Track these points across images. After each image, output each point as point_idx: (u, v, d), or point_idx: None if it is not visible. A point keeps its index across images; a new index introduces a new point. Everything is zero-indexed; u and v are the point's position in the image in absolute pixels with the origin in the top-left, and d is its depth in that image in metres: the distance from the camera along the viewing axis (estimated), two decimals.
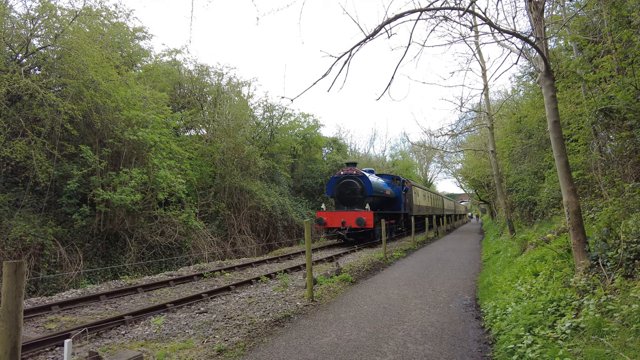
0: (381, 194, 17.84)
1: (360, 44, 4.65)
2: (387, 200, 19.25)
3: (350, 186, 16.57)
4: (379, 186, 17.65)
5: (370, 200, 16.47)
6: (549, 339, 3.76)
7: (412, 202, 22.56)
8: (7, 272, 2.34)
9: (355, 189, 16.46)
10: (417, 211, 24.38)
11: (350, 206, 16.36)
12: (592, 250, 4.95)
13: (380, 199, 17.89)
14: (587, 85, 8.16)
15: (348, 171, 17.15)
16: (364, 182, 16.49)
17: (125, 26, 16.24)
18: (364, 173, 16.77)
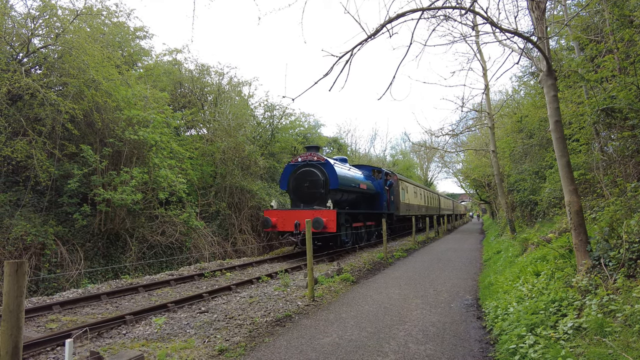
0: (353, 188, 14.20)
1: (362, 44, 4.64)
2: (363, 197, 15.98)
3: (310, 176, 12.84)
4: (349, 178, 14.04)
5: (336, 196, 12.99)
6: (551, 339, 3.75)
7: (399, 200, 19.38)
8: (9, 271, 2.34)
9: (316, 181, 12.73)
10: (407, 210, 21.08)
11: (310, 203, 12.67)
12: (594, 250, 4.94)
13: (352, 195, 14.51)
14: (589, 85, 8.14)
15: (307, 157, 13.24)
16: (327, 172, 12.71)
17: (126, 26, 16.23)
18: (327, 160, 13.00)
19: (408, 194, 21.97)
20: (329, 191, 12.61)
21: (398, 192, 19.41)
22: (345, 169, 14.38)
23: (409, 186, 22.54)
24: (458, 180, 47.57)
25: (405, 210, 20.93)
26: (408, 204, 21.75)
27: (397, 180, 19.53)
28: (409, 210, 21.95)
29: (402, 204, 20.00)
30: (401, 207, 19.81)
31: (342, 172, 13.37)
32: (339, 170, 13.02)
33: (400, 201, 19.55)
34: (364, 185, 15.30)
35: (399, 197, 19.46)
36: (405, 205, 20.85)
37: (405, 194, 21.18)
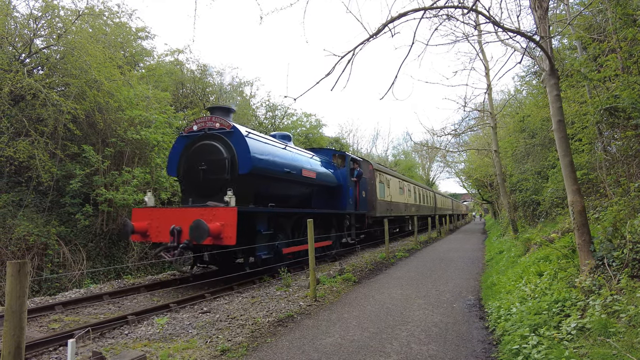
0: (287, 176, 9.52)
1: (364, 43, 4.63)
2: (312, 190, 11.28)
3: (208, 154, 8.24)
4: (278, 160, 9.26)
5: (250, 186, 8.35)
6: (554, 339, 3.73)
7: (375, 197, 15.45)
8: (11, 272, 2.34)
9: (217, 162, 8.13)
10: (387, 210, 17.08)
11: (209, 197, 8.06)
12: (598, 250, 4.91)
13: (285, 186, 9.78)
14: (592, 84, 8.11)
15: (207, 123, 8.52)
16: (234, 146, 8.14)
17: (127, 26, 16.25)
18: (235, 127, 8.27)
19: (390, 189, 17.99)
20: (236, 177, 7.93)
21: (374, 186, 15.45)
22: (272, 144, 9.42)
23: (391, 180, 18.44)
24: (460, 180, 47.55)
25: (386, 210, 16.98)
26: (390, 203, 17.82)
27: (373, 170, 15.79)
28: (391, 209, 18.01)
29: (380, 202, 16.01)
30: (379, 205, 15.85)
31: (261, 149, 8.51)
32: (254, 145, 8.22)
33: (377, 198, 15.57)
34: (310, 173, 10.62)
35: (375, 192, 15.58)
36: (384, 204, 16.87)
37: (386, 189, 17.29)
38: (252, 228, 8.03)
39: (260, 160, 8.44)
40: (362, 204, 14.18)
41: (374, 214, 15.34)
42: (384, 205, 16.83)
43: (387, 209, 17.27)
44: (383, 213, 16.40)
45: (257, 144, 8.62)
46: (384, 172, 17.76)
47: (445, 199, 41.56)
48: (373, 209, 15.33)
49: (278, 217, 9.15)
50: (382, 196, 16.77)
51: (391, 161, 50.62)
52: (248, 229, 7.87)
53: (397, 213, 19.20)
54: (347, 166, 13.34)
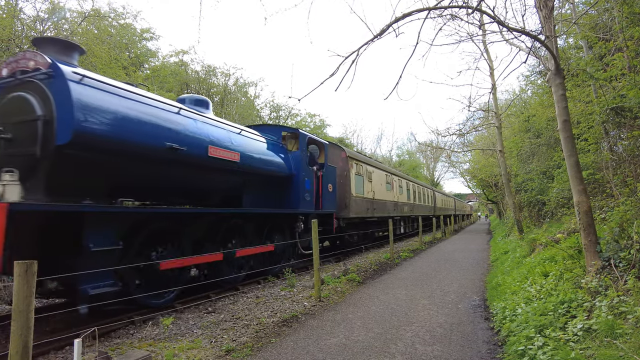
0: (171, 154, 6.01)
1: (368, 43, 4.63)
2: (245, 181, 8.23)
3: (14, 112, 4.88)
4: (148, 123, 5.76)
5: (83, 167, 5.15)
6: (560, 340, 3.71)
7: (349, 193, 12.24)
8: (19, 271, 2.36)
9: (25, 124, 4.78)
10: (368, 210, 13.97)
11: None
12: (604, 250, 4.88)
13: (180, 172, 6.57)
14: (598, 84, 8.07)
15: (19, 63, 5.08)
16: (54, 98, 4.73)
17: (132, 27, 16.38)
18: (58, 67, 4.78)
19: (373, 183, 14.69)
20: (54, 151, 4.73)
21: (347, 179, 12.34)
22: (135, 100, 5.75)
23: (374, 172, 15.20)
24: (465, 180, 47.45)
25: (366, 210, 13.75)
26: (372, 200, 14.43)
27: (347, 159, 12.41)
28: (375, 209, 14.65)
29: (356, 200, 12.67)
30: (354, 204, 12.54)
31: (105, 105, 5.12)
32: (89, 97, 4.93)
33: (351, 195, 12.33)
34: (229, 154, 7.25)
35: (350, 187, 12.34)
36: (363, 202, 13.44)
37: (366, 183, 14.02)
38: (75, 240, 4.77)
39: (102, 124, 4.99)
40: (328, 202, 10.71)
41: (347, 215, 12.11)
42: (362, 203, 13.42)
43: (367, 208, 13.92)
44: (361, 213, 13.18)
45: (97, 95, 5.05)
46: (362, 161, 14.09)
47: (447, 199, 38.96)
48: (345, 208, 12.07)
49: (152, 221, 5.84)
50: (360, 192, 13.34)
51: (395, 161, 50.58)
52: (61, 242, 4.76)
53: (383, 213, 15.82)
54: (303, 150, 9.63)
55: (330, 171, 11.17)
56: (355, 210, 12.74)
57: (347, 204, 12.22)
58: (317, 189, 10.31)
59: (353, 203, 12.56)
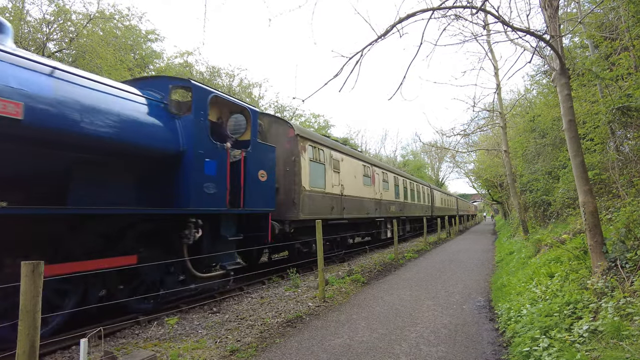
0: None
1: (372, 44, 4.64)
2: (73, 161, 5.03)
3: None
4: None
5: None
6: (565, 342, 3.69)
7: (298, 185, 9.17)
8: (25, 272, 2.39)
9: None
10: (333, 209, 10.83)
11: None
12: (610, 251, 4.85)
13: None
14: (604, 83, 8.01)
15: None
16: None
17: (137, 29, 16.46)
18: None
19: (341, 175, 11.58)
20: None
21: (296, 165, 9.14)
22: None
23: (344, 160, 11.95)
24: (470, 180, 47.28)
25: (330, 209, 10.59)
26: (339, 197, 11.22)
27: (296, 139, 9.22)
28: (345, 208, 11.57)
29: (311, 196, 9.50)
30: (308, 200, 9.38)
31: None
32: None
33: (303, 188, 9.15)
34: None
35: (299, 177, 9.13)
36: (324, 199, 10.24)
37: (330, 174, 10.87)
38: None
39: None
40: (258, 196, 7.40)
41: (296, 216, 8.95)
42: (322, 200, 10.18)
43: (332, 206, 10.70)
44: (321, 214, 9.92)
45: None
46: (324, 145, 10.70)
47: (448, 198, 35.83)
48: (293, 207, 8.93)
49: None
50: (320, 185, 10.15)
51: (400, 161, 50.48)
52: None
53: (359, 214, 12.70)
54: (199, 113, 6.15)
55: (262, 152, 7.66)
56: (309, 210, 9.41)
57: (295, 201, 8.94)
58: (237, 178, 6.89)
59: (306, 200, 9.26)
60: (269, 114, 10.54)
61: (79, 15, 12.11)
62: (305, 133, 9.90)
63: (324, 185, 10.45)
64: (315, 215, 9.61)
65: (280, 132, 9.40)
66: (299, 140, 9.34)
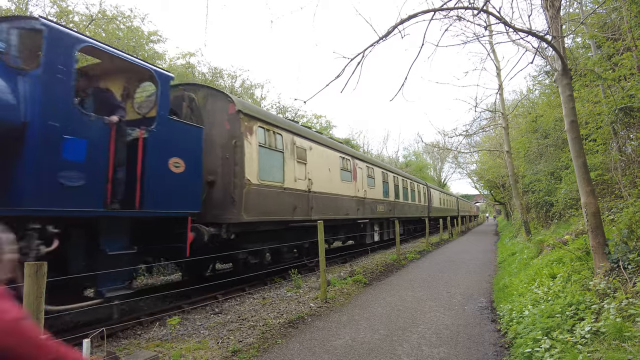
0: None
1: (374, 45, 4.64)
2: None
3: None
4: None
5: None
6: (567, 343, 3.68)
7: (242, 178, 7.06)
8: (29, 272, 2.40)
9: None
10: (293, 210, 8.71)
11: None
12: (613, 252, 4.84)
13: None
14: (606, 84, 7.99)
15: None
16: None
17: (140, 30, 16.49)
18: None
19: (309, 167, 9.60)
20: None
21: (239, 152, 7.17)
22: None
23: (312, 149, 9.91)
24: (472, 181, 47.23)
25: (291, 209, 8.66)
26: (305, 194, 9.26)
27: (237, 116, 7.24)
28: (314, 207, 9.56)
29: (258, 191, 7.50)
30: (253, 197, 7.37)
31: None
32: None
33: (246, 181, 7.17)
34: None
35: (243, 167, 7.16)
36: (280, 197, 8.25)
37: (292, 164, 8.89)
38: None
39: None
40: (165, 193, 5.58)
41: (237, 217, 6.95)
42: (277, 198, 8.10)
43: (294, 206, 8.69)
44: (275, 213, 8.02)
45: None
46: (281, 127, 8.61)
47: (448, 197, 33.67)
48: (232, 205, 6.94)
49: None
50: (276, 178, 8.15)
51: (402, 162, 50.44)
52: None
53: (334, 214, 10.67)
54: (50, 67, 4.27)
55: (178, 133, 5.81)
56: (258, 209, 7.36)
57: (235, 198, 6.84)
58: (134, 166, 5.16)
59: (253, 197, 7.17)
60: (203, 85, 8.08)
61: (82, 17, 12.17)
62: (253, 111, 7.64)
63: (282, 178, 8.31)
64: (268, 216, 7.72)
65: (217, 109, 7.24)
66: (243, 119, 7.15)
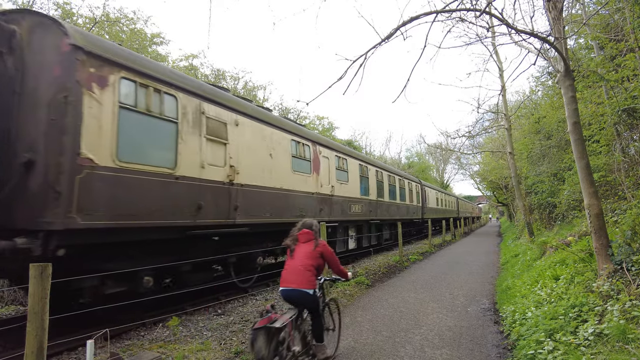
0: None
1: (376, 47, 4.65)
2: None
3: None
4: None
5: None
6: (571, 345, 3.68)
7: (73, 155, 4.29)
8: (34, 274, 2.42)
9: None
10: (197, 210, 5.90)
11: None
12: (616, 254, 4.82)
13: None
14: (609, 85, 7.98)
15: None
16: None
17: (143, 32, 16.57)
18: None
19: (231, 148, 6.89)
20: None
21: (73, 112, 4.38)
22: None
23: (240, 123, 7.18)
24: (475, 182, 47.13)
25: (196, 208, 5.92)
26: (229, 189, 6.68)
27: (72, 53, 4.43)
28: (235, 207, 6.75)
29: (116, 179, 4.73)
30: (102, 190, 4.59)
31: None
32: None
33: (92, 160, 4.47)
34: None
35: (96, 134, 4.59)
36: (160, 191, 5.31)
37: (195, 142, 6.14)
38: None
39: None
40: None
41: (65, 222, 4.22)
42: (161, 191, 5.42)
43: (198, 203, 6.03)
44: (146, 216, 5.18)
45: None
46: (172, 83, 5.82)
47: (446, 197, 31.32)
48: (53, 202, 4.21)
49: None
50: (154, 160, 5.41)
51: (404, 163, 50.40)
52: None
53: (277, 216, 7.96)
54: None
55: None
56: (111, 209, 4.73)
57: (60, 190, 4.21)
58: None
59: (100, 186, 4.60)
60: (30, 11, 5.22)
61: (85, 19, 12.23)
62: (107, 50, 4.93)
63: (175, 162, 5.69)
64: (137, 219, 5.07)
65: (46, 45, 4.64)
66: (83, 61, 4.56)
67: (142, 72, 5.35)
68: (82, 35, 4.77)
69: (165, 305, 6.19)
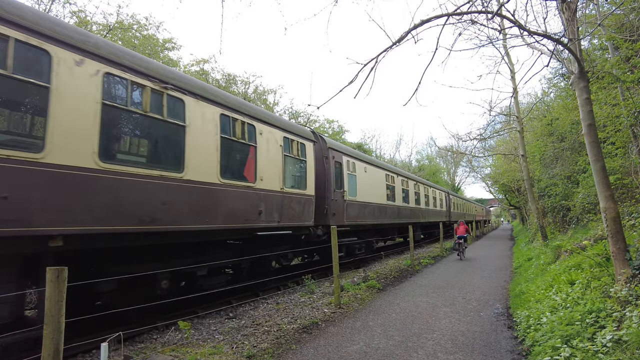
0: None
1: (387, 50, 4.65)
2: None
3: None
4: None
5: None
6: (588, 351, 3.60)
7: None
8: (50, 277, 2.45)
9: None
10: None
11: None
12: (634, 258, 4.72)
13: None
14: (625, 86, 7.84)
15: None
16: None
17: (155, 38, 16.79)
18: None
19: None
20: None
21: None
22: None
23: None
24: (486, 185, 46.63)
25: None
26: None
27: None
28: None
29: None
30: None
31: None
32: None
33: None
34: None
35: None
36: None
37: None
38: None
39: None
40: None
41: None
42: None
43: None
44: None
45: None
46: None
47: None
48: None
49: None
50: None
51: (415, 166, 50.10)
52: None
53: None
54: None
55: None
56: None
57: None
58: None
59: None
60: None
61: (99, 26, 12.44)
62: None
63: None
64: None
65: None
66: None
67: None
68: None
69: (177, 309, 6.34)
